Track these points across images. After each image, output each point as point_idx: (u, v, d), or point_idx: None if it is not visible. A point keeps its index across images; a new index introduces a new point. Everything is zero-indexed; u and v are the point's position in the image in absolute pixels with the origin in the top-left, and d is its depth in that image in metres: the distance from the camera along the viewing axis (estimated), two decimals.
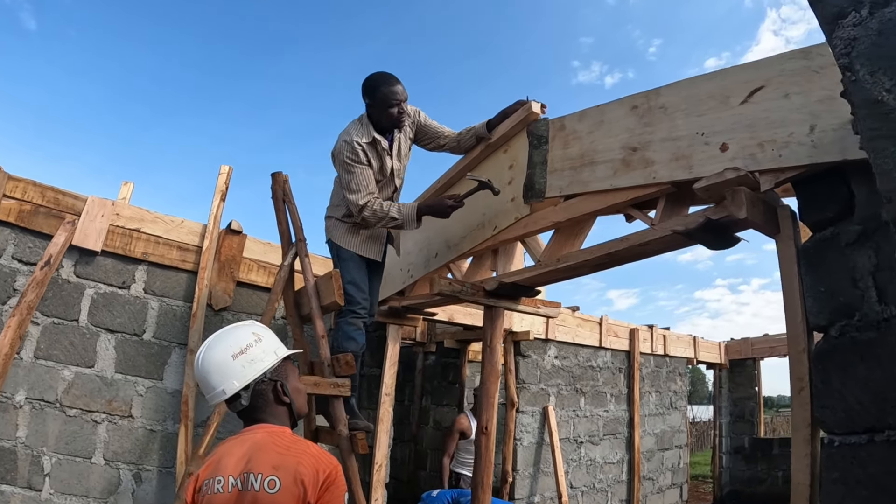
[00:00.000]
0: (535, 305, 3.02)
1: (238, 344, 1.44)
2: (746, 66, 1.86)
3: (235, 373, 1.41)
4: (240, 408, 1.43)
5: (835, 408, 1.37)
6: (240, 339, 1.46)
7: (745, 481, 8.37)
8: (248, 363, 1.42)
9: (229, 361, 1.41)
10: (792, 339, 1.67)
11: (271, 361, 1.46)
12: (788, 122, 1.68)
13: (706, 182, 1.85)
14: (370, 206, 2.62)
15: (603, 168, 2.31)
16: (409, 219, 2.64)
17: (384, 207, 2.62)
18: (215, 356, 1.43)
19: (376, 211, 2.62)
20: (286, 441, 1.37)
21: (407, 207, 2.65)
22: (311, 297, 2.60)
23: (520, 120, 2.65)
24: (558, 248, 2.62)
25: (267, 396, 1.44)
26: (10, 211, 3.01)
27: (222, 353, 1.43)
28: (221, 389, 1.40)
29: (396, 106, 2.62)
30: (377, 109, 2.64)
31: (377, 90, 2.61)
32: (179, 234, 3.47)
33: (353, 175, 2.63)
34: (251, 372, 1.42)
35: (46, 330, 3.04)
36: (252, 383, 1.42)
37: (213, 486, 1.31)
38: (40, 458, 2.92)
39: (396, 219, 2.64)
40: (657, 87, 2.19)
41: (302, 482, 1.27)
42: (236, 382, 1.40)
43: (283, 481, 1.27)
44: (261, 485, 1.27)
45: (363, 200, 2.62)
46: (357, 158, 2.62)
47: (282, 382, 1.46)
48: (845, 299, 1.41)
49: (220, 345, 1.45)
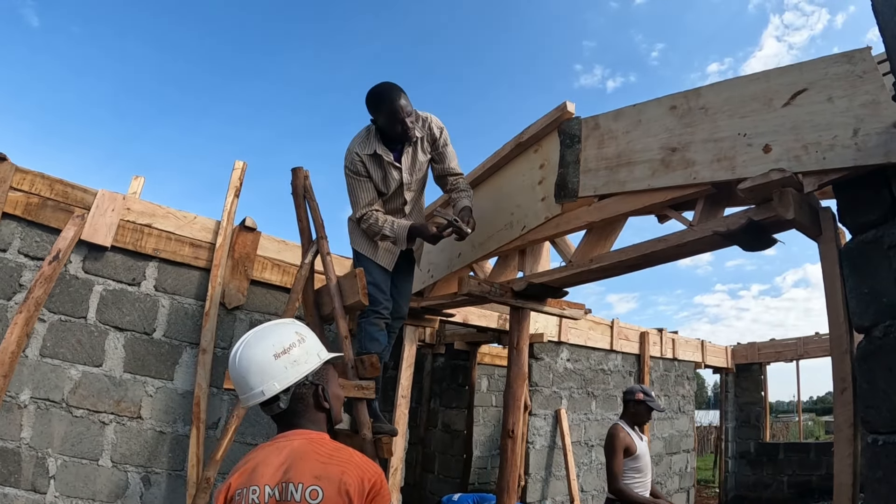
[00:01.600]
0: (560, 307, 2.94)
1: (281, 343, 1.34)
2: (789, 69, 1.86)
3: (277, 374, 1.31)
4: (277, 411, 1.33)
5: (879, 407, 1.40)
6: (283, 337, 1.36)
7: (751, 486, 8.33)
8: (291, 364, 1.33)
9: (271, 361, 1.31)
10: (835, 341, 1.70)
11: (314, 364, 1.37)
12: (832, 125, 1.70)
13: (751, 183, 1.85)
14: (366, 218, 2.62)
15: (641, 168, 2.27)
16: (400, 238, 2.62)
17: (379, 222, 2.61)
18: (256, 354, 1.32)
19: (371, 225, 2.62)
20: (328, 449, 1.29)
21: (399, 227, 2.61)
22: (334, 296, 2.50)
23: (552, 120, 2.59)
24: (590, 249, 2.55)
25: (307, 401, 1.35)
26: (18, 204, 2.91)
27: (264, 352, 1.32)
28: (261, 390, 1.30)
29: (400, 122, 2.50)
30: (382, 123, 2.55)
31: (381, 105, 2.51)
32: (192, 231, 3.37)
33: (350, 186, 2.64)
34: (293, 374, 1.32)
35: (53, 327, 2.94)
36: (293, 386, 1.32)
37: (248, 497, 1.21)
38: (45, 460, 2.82)
39: (388, 236, 2.63)
40: (696, 88, 2.22)
41: (347, 493, 1.19)
42: (277, 384, 1.30)
43: (326, 492, 1.18)
44: (302, 495, 1.18)
45: (360, 213, 2.63)
46: (355, 169, 2.60)
47: (323, 387, 1.38)
48: (889, 300, 1.44)
49: (262, 342, 1.34)
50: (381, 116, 2.52)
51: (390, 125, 2.51)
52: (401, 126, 2.50)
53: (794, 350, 8.38)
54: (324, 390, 1.37)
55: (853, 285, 1.58)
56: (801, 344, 8.29)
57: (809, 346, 8.17)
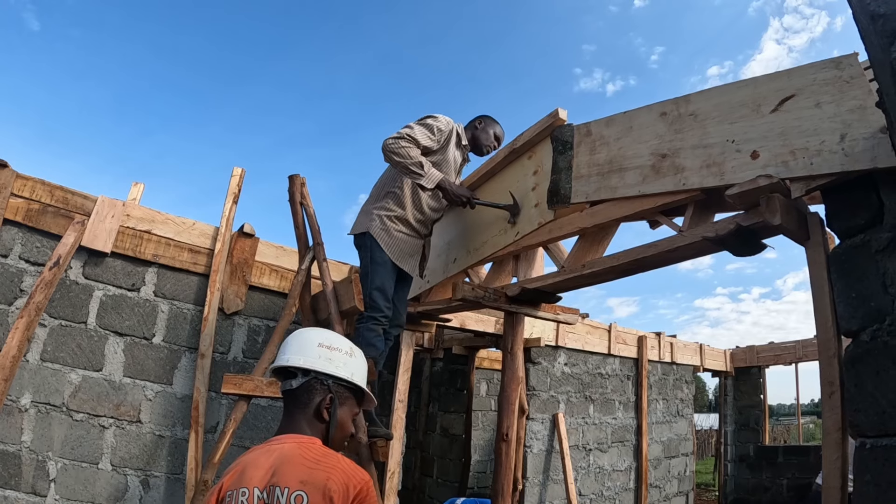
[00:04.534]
0: (554, 312, 2.97)
1: (333, 341, 1.47)
2: (777, 75, 1.88)
3: (309, 353, 1.42)
4: (288, 387, 1.41)
5: (867, 411, 1.41)
6: (338, 340, 1.49)
7: (750, 490, 8.31)
8: (326, 358, 1.42)
9: (313, 343, 1.44)
10: (822, 344, 1.71)
11: (342, 374, 1.43)
12: (820, 131, 1.71)
13: (739, 189, 1.86)
14: (406, 142, 2.57)
15: (632, 174, 2.29)
16: (431, 178, 2.62)
17: (415, 153, 2.60)
18: (308, 335, 1.48)
19: (407, 148, 2.56)
20: (315, 454, 1.30)
21: (434, 171, 2.66)
22: (330, 301, 2.53)
23: (545, 126, 2.62)
24: (583, 255, 2.58)
25: (313, 398, 1.38)
26: (18, 210, 2.95)
27: (315, 336, 1.47)
28: (287, 357, 1.42)
29: (492, 144, 2.98)
30: (482, 133, 2.97)
31: (494, 125, 3.00)
32: (191, 237, 3.41)
33: (422, 127, 2.68)
34: (320, 365, 1.41)
35: (53, 332, 2.97)
36: (312, 373, 1.40)
37: (237, 499, 1.24)
38: (45, 464, 2.85)
39: (422, 168, 2.60)
40: (686, 95, 2.22)
41: (331, 499, 1.20)
42: (302, 360, 1.40)
43: (311, 497, 1.20)
44: (287, 499, 1.20)
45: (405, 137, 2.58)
46: (440, 128, 2.74)
47: (333, 397, 1.40)
48: (876, 304, 1.45)
49: (320, 333, 1.51)
50: (489, 129, 2.97)
51: (486, 138, 2.97)
52: (487, 147, 2.99)
53: (793, 353, 8.38)
54: (332, 401, 1.39)
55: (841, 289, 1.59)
56: (800, 347, 8.29)
57: (808, 349, 8.17)
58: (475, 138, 2.97)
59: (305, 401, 1.38)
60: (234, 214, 3.55)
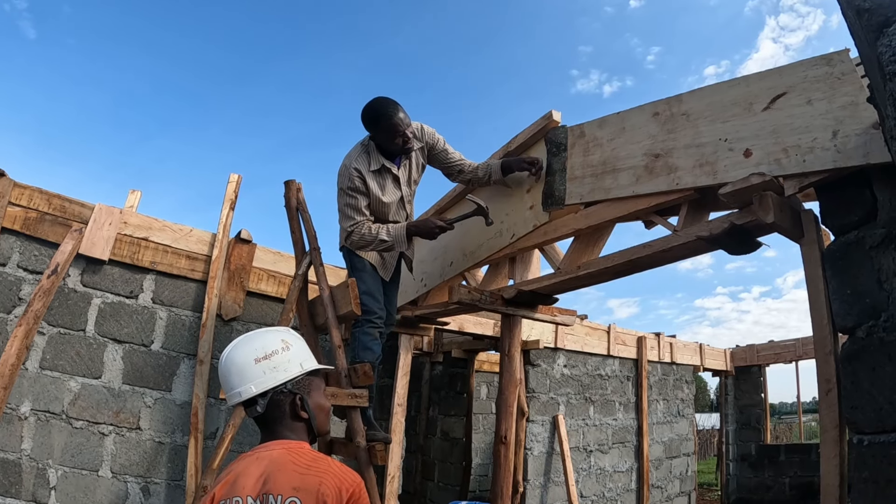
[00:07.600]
0: (551, 314, 2.98)
1: (264, 348, 1.38)
2: (769, 73, 1.88)
3: (254, 377, 1.35)
4: (255, 414, 1.37)
5: (864, 408, 1.41)
6: (267, 343, 1.40)
7: (752, 489, 8.30)
8: (270, 370, 1.36)
9: (251, 364, 1.36)
10: (819, 342, 1.70)
11: (294, 373, 1.39)
12: (812, 128, 1.70)
13: (732, 187, 1.86)
14: (358, 230, 2.56)
15: (626, 175, 2.30)
16: (399, 239, 2.60)
17: (372, 230, 2.56)
18: (238, 357, 1.38)
19: (364, 234, 2.56)
20: (306, 459, 1.30)
21: (396, 229, 2.60)
22: (327, 306, 2.54)
23: (539, 128, 2.63)
24: (578, 256, 2.59)
25: (283, 408, 1.37)
26: (16, 218, 2.96)
27: (246, 355, 1.37)
28: (238, 391, 1.35)
29: (401, 136, 2.52)
30: (382, 139, 2.56)
31: (378, 121, 2.51)
32: (188, 243, 3.42)
33: (345, 202, 2.58)
34: (270, 379, 1.35)
35: (52, 340, 2.98)
36: (271, 391, 1.35)
37: None
38: (46, 471, 2.85)
39: (386, 241, 2.58)
40: (678, 95, 2.21)
41: (325, 503, 1.20)
42: (253, 387, 1.34)
43: (304, 503, 1.19)
44: None
45: (350, 225, 2.56)
46: (353, 186, 2.54)
47: (301, 396, 1.38)
48: (871, 301, 1.45)
49: (247, 346, 1.39)
50: (381, 132, 2.52)
51: (390, 139, 2.52)
52: (402, 139, 2.52)
53: (793, 351, 8.38)
54: (302, 400, 1.38)
55: (836, 286, 1.59)
56: (800, 345, 8.28)
57: (808, 346, 8.16)
58: (385, 150, 2.61)
59: (278, 414, 1.37)
60: (231, 221, 3.56)
